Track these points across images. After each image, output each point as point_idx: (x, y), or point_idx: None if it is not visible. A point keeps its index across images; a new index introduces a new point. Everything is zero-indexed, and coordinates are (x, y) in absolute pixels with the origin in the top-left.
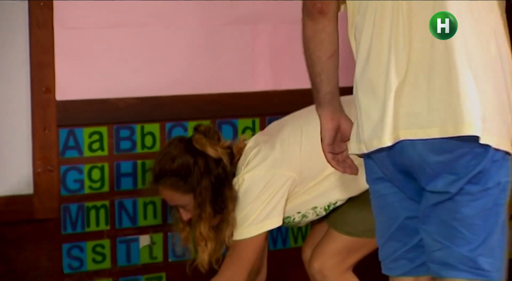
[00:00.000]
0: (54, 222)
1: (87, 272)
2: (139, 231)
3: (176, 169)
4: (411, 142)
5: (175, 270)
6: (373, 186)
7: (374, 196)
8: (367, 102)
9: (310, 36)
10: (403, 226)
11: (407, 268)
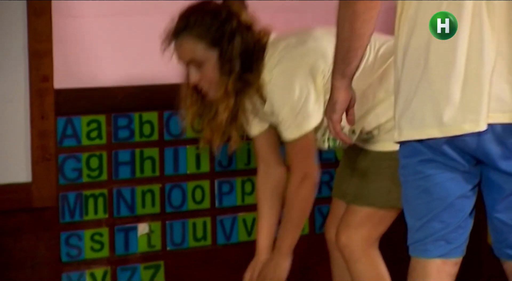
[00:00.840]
0: (52, 210)
1: (85, 261)
2: (137, 219)
3: (207, 20)
4: (490, 126)
5: (174, 258)
6: (419, 167)
7: (418, 177)
8: (446, 86)
9: (360, 11)
10: (452, 205)
11: (445, 250)
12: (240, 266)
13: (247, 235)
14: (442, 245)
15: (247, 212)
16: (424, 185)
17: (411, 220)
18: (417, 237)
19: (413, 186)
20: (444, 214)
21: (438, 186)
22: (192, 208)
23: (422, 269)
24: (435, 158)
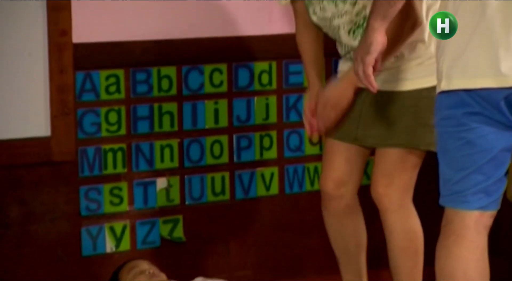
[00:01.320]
0: (71, 165)
1: (104, 215)
2: (156, 174)
3: None
4: None
5: (192, 213)
6: (463, 120)
7: (462, 129)
8: (506, 35)
9: None
10: (494, 158)
11: (484, 202)
12: (258, 220)
13: (265, 190)
14: (482, 197)
15: (265, 167)
16: (468, 137)
17: (450, 171)
18: (456, 189)
19: (455, 137)
20: (487, 167)
21: (482, 138)
22: (210, 163)
23: (460, 220)
24: (482, 112)
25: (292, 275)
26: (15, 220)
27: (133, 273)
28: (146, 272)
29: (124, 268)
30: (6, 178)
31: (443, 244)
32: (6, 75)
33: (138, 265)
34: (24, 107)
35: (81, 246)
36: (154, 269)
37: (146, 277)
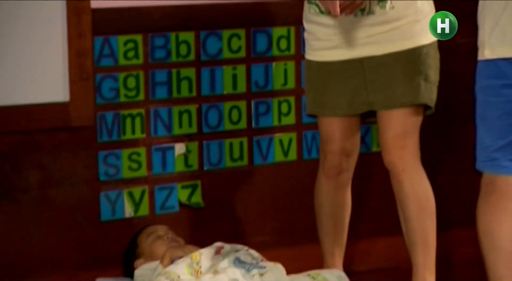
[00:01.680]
0: (89, 130)
1: (122, 180)
2: (174, 139)
3: None
4: None
5: (210, 178)
6: (503, 91)
7: (501, 100)
8: None
9: None
10: None
11: None
12: (276, 186)
13: (283, 156)
14: None
15: (283, 133)
16: (507, 108)
17: (489, 139)
18: (495, 156)
19: (495, 107)
20: None
21: None
22: (228, 129)
23: (503, 180)
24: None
25: (310, 240)
26: (34, 185)
27: (151, 238)
28: (164, 237)
29: (142, 233)
30: (25, 144)
31: (487, 201)
32: (25, 41)
33: (157, 230)
34: (42, 73)
35: (100, 211)
36: (172, 234)
37: (164, 242)
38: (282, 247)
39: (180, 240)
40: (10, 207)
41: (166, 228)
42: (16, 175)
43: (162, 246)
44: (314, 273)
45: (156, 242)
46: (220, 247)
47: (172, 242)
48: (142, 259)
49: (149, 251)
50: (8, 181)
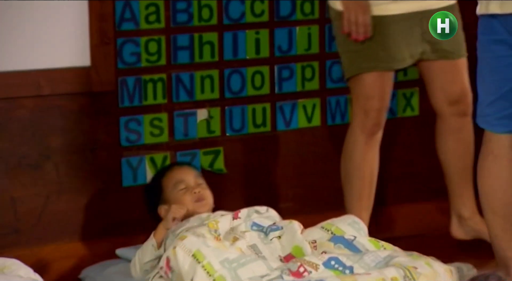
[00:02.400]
0: (111, 95)
1: (144, 145)
2: (196, 105)
3: None
4: None
5: (233, 144)
6: (492, 46)
7: (490, 55)
8: None
9: None
10: None
11: (510, 128)
12: (299, 152)
13: (306, 121)
14: (507, 123)
15: (307, 98)
16: (495, 64)
17: (482, 94)
18: (486, 112)
19: (485, 63)
20: (510, 95)
21: (506, 68)
22: (251, 94)
23: (497, 140)
24: (508, 40)
25: (334, 207)
26: (56, 150)
27: (179, 190)
28: (193, 193)
29: (169, 177)
30: (46, 108)
31: (482, 164)
32: (46, 5)
33: (185, 179)
34: (63, 37)
35: (122, 177)
36: (202, 188)
37: (192, 199)
38: (305, 214)
39: (208, 197)
40: (32, 172)
41: (195, 176)
42: (37, 141)
43: (189, 203)
44: (327, 224)
45: (184, 197)
46: (236, 212)
47: (200, 201)
48: (167, 206)
49: (176, 202)
50: (29, 146)
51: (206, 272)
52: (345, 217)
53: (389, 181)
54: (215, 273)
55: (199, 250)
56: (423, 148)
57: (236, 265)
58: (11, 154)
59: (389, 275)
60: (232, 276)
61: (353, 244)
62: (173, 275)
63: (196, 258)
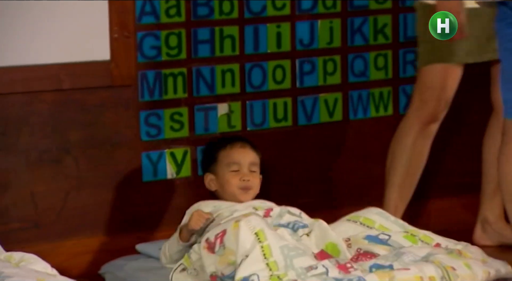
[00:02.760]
0: (131, 89)
1: (165, 140)
2: (217, 99)
3: None
4: None
5: (254, 138)
6: (507, 30)
7: (507, 39)
8: None
9: None
10: None
11: None
12: (320, 147)
13: (328, 116)
14: None
15: (328, 93)
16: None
17: (503, 81)
18: (505, 98)
19: (503, 48)
20: None
21: None
22: (272, 88)
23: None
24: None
25: (356, 203)
26: (75, 145)
27: (230, 171)
28: (242, 180)
29: (227, 154)
30: (66, 102)
31: (502, 152)
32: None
33: (240, 163)
34: (83, 30)
35: (142, 172)
36: (253, 176)
37: (239, 185)
38: (327, 209)
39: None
40: (52, 167)
41: (250, 161)
42: (57, 135)
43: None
44: (353, 216)
45: (232, 179)
46: (268, 210)
47: (247, 191)
48: (214, 177)
49: (223, 179)
50: (50, 140)
51: (262, 253)
52: (370, 209)
53: None
54: (271, 258)
55: (262, 230)
56: (446, 143)
57: (294, 254)
58: (31, 148)
59: (428, 273)
60: (287, 264)
61: (388, 244)
62: (220, 250)
63: (258, 237)
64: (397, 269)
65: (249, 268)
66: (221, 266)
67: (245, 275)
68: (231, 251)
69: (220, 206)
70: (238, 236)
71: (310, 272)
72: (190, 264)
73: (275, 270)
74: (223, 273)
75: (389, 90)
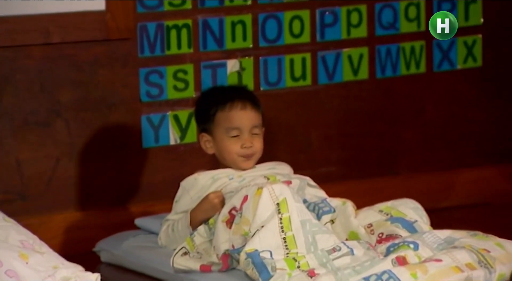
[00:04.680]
0: (130, 43)
1: (167, 101)
2: (226, 55)
3: None
4: None
5: (268, 100)
6: None
7: None
8: None
9: None
10: None
11: None
12: (344, 109)
13: (352, 74)
14: None
15: (353, 47)
16: None
17: None
18: None
19: None
20: None
21: None
22: (289, 42)
23: None
24: None
25: (383, 172)
26: (67, 107)
27: (230, 136)
28: (243, 147)
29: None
30: (56, 58)
31: None
32: None
33: (240, 128)
34: None
35: (142, 137)
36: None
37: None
38: (350, 180)
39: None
40: (40, 132)
41: (251, 124)
42: (46, 95)
43: (234, 155)
44: (386, 207)
45: (233, 145)
46: (287, 181)
47: (247, 157)
48: (211, 138)
49: (222, 145)
50: (37, 102)
51: (280, 226)
52: (407, 201)
53: (447, 142)
54: (289, 232)
55: (285, 200)
56: (486, 105)
57: (317, 230)
58: (16, 110)
59: (462, 260)
60: (307, 241)
61: (413, 226)
62: (237, 218)
63: (279, 208)
64: (429, 261)
65: (263, 241)
66: (234, 236)
67: (256, 248)
68: (247, 220)
69: (219, 176)
70: (258, 204)
71: (333, 255)
72: (193, 247)
73: (292, 247)
74: (234, 246)
75: (422, 45)
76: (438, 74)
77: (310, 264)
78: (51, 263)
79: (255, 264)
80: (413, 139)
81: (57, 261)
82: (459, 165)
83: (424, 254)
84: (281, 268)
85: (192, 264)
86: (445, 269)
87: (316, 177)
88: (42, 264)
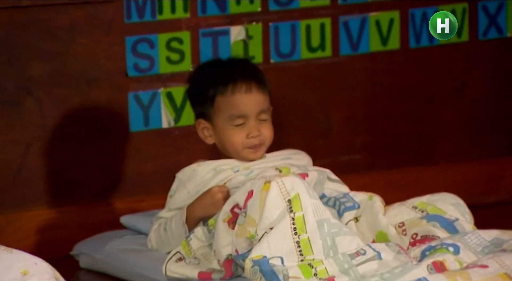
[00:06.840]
0: (114, 6)
1: (159, 76)
2: (229, 20)
3: None
4: None
5: (279, 74)
6: None
7: None
8: None
9: None
10: None
11: None
12: (369, 86)
13: (381, 43)
14: None
15: (381, 11)
16: None
17: None
18: None
19: None
20: None
21: None
22: (305, 6)
23: None
24: None
25: (417, 161)
26: (39, 82)
27: (234, 125)
28: (250, 137)
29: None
30: (26, 24)
31: None
32: None
33: (246, 115)
34: None
35: (129, 119)
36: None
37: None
38: (378, 170)
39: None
40: (7, 112)
41: (258, 109)
42: (14, 69)
43: (239, 145)
44: (421, 202)
45: (237, 135)
46: (303, 174)
47: (254, 149)
48: (210, 126)
49: (224, 134)
50: (4, 76)
51: (293, 227)
52: (446, 195)
53: (494, 125)
54: (303, 234)
55: (298, 196)
56: None
57: (337, 231)
58: None
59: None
60: (326, 245)
61: (453, 225)
62: (241, 218)
63: (291, 205)
64: (472, 267)
65: (272, 245)
66: (238, 239)
67: (265, 254)
68: (252, 221)
69: (222, 167)
70: (265, 201)
71: (357, 259)
72: (190, 253)
73: (307, 253)
74: (238, 251)
75: (464, 7)
76: (484, 43)
77: (329, 271)
78: None
79: (263, 272)
80: (453, 121)
81: None
82: (508, 152)
83: (466, 258)
84: (294, 277)
85: (189, 271)
86: (492, 277)
87: (337, 167)
88: None
